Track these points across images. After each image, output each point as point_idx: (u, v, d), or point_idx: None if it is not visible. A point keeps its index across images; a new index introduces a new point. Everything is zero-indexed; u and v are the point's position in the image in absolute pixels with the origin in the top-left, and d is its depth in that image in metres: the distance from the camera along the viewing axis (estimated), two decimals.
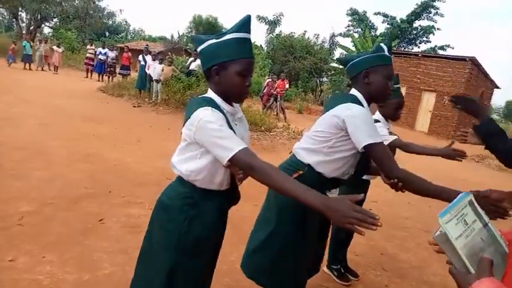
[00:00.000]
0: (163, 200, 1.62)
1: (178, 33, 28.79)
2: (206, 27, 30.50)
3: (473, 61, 19.30)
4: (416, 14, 31.64)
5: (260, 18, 26.85)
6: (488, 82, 24.03)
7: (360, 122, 1.83)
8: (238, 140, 1.41)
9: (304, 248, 2.04)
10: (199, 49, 1.54)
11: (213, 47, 1.50)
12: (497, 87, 25.98)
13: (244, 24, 1.51)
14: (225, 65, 1.48)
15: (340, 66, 28.99)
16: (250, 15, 1.56)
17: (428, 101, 19.95)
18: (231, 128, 1.50)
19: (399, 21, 31.86)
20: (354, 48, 28.89)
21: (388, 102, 2.82)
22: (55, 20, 32.52)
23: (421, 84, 20.46)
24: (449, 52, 30.61)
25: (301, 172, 1.97)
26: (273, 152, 7.97)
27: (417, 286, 3.32)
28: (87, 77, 18.24)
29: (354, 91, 2.02)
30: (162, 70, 11.00)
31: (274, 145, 8.67)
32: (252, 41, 1.60)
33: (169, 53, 18.34)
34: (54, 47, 18.41)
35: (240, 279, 2.90)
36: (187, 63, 11.69)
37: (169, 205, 1.59)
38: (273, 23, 26.66)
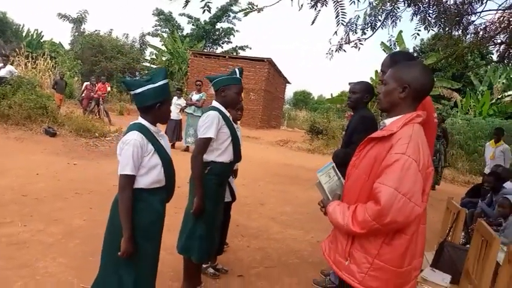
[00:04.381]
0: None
1: None
2: None
3: (270, 62, 22.75)
4: (217, 17, 34.58)
5: (62, 16, 24.89)
6: (282, 79, 28.48)
7: (202, 124, 2.83)
8: (132, 167, 2.14)
9: (213, 221, 2.90)
10: (137, 91, 2.21)
11: (154, 89, 2.22)
12: (289, 83, 30.90)
13: (166, 73, 2.33)
14: (164, 101, 2.28)
15: (154, 66, 29.52)
16: (165, 68, 2.43)
17: None
18: (157, 141, 2.26)
19: (203, 23, 34.26)
20: (164, 48, 29.72)
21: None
22: None
23: None
24: (248, 52, 34.74)
25: (210, 167, 2.81)
26: (114, 157, 8.19)
27: (268, 243, 4.54)
28: None
29: (214, 102, 2.98)
30: None
31: (114, 150, 8.79)
32: (54, 40, 2.33)
33: None
34: None
35: None
36: None
37: None
38: (78, 21, 25.12)
